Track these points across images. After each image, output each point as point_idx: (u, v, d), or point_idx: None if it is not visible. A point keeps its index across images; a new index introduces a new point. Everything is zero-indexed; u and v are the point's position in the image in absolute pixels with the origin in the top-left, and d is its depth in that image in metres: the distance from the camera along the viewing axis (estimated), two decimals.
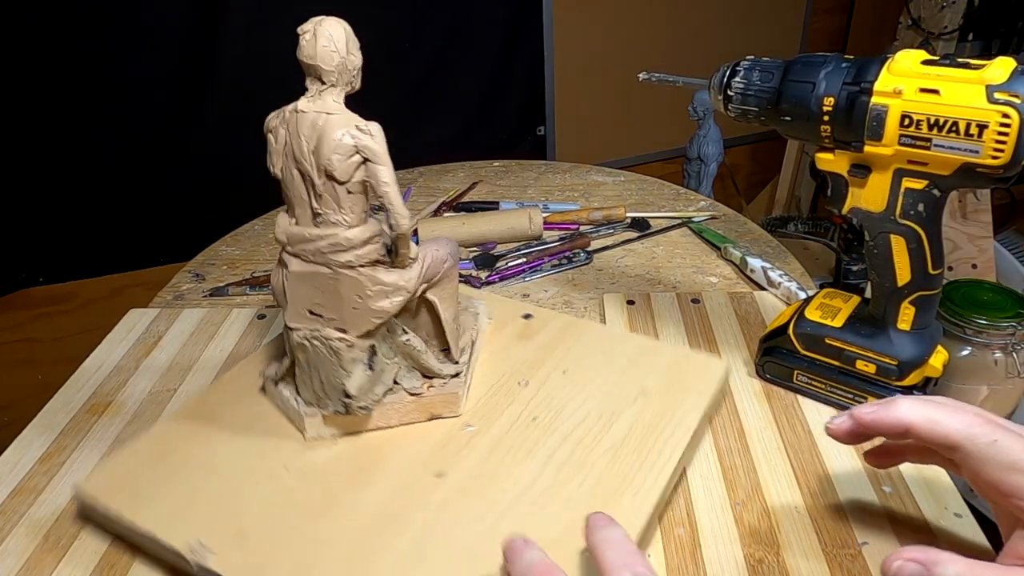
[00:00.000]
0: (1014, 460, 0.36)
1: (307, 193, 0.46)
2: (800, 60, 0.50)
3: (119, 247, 1.48)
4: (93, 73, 1.32)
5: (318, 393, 0.51)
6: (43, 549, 0.48)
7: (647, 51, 1.84)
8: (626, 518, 0.42)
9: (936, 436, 0.38)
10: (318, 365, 0.50)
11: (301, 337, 0.50)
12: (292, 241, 0.48)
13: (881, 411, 0.39)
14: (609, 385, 0.56)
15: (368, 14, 1.44)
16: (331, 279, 0.48)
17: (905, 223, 0.49)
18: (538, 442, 0.51)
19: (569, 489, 0.47)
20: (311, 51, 0.44)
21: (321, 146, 0.44)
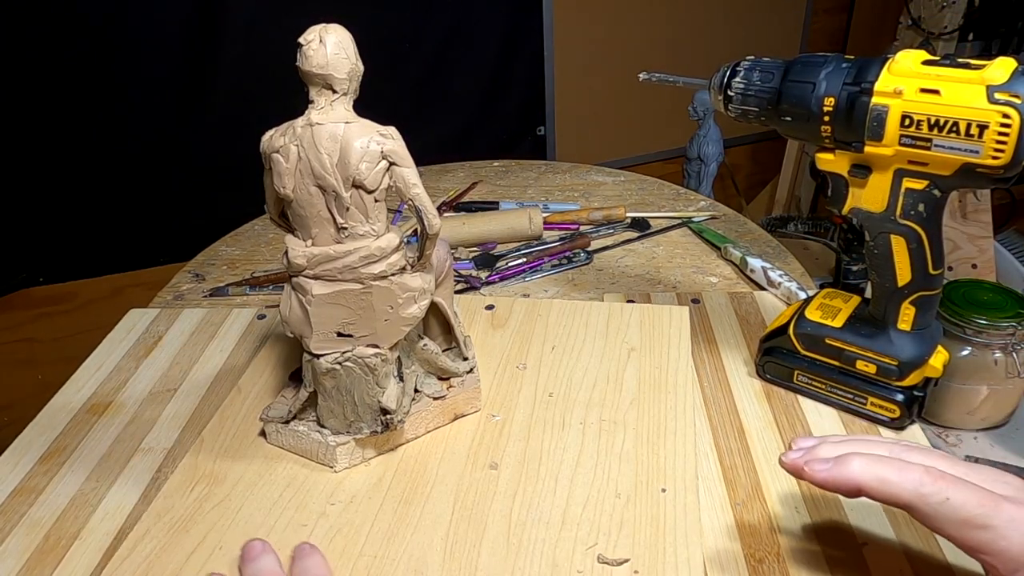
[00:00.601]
0: (967, 517, 0.35)
1: (329, 209, 0.44)
2: (800, 60, 0.50)
3: (119, 247, 1.48)
4: (93, 73, 1.32)
5: (350, 418, 0.49)
6: (43, 550, 0.48)
7: (647, 51, 1.84)
8: (678, 457, 0.50)
9: (888, 497, 0.37)
10: (351, 388, 0.48)
11: (331, 362, 0.47)
12: (314, 263, 0.45)
13: (834, 471, 0.38)
14: (599, 350, 0.60)
15: (368, 14, 1.44)
16: (363, 294, 0.46)
17: (905, 223, 0.49)
18: (565, 414, 0.54)
19: (616, 446, 0.51)
20: (321, 60, 0.42)
21: (347, 156, 0.42)
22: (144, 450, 0.56)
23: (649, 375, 0.58)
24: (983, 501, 0.35)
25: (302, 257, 0.45)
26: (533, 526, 0.45)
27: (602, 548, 0.44)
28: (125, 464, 0.54)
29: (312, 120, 0.43)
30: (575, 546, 0.44)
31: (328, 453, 0.50)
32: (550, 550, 0.44)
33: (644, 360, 0.59)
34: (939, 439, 1.00)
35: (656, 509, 0.45)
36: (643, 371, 0.58)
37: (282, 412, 0.52)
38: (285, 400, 0.53)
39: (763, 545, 0.46)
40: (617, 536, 0.44)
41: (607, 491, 0.47)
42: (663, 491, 0.47)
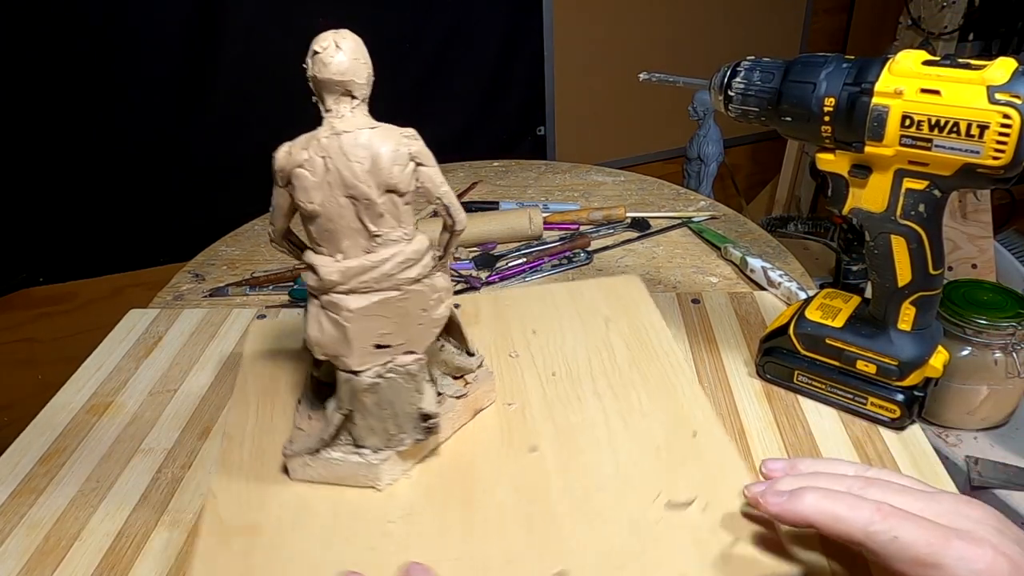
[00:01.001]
0: (916, 555, 0.35)
1: (360, 219, 0.42)
2: (801, 60, 0.50)
3: (119, 247, 1.48)
4: (93, 74, 1.32)
5: (391, 432, 0.47)
6: (43, 550, 0.48)
7: (647, 51, 1.84)
8: (694, 403, 0.53)
9: (839, 534, 0.37)
10: (392, 399, 0.46)
11: (372, 376, 0.45)
12: (348, 277, 0.43)
13: (787, 505, 0.39)
14: (578, 325, 0.63)
15: (368, 14, 1.44)
16: (400, 301, 0.44)
17: (906, 223, 0.49)
18: (576, 389, 0.56)
19: (635, 406, 0.54)
20: (341, 67, 0.41)
21: (378, 162, 0.41)
22: (144, 450, 0.56)
23: (634, 338, 0.61)
24: (931, 540, 0.35)
25: (336, 273, 0.43)
26: (596, 493, 0.46)
27: (666, 496, 0.46)
28: (125, 464, 0.54)
29: (338, 129, 0.42)
30: (641, 501, 0.45)
31: (371, 473, 0.48)
32: (622, 510, 0.45)
33: (622, 326, 0.62)
34: (939, 439, 1.00)
35: (695, 451, 0.49)
36: (626, 336, 0.61)
37: (310, 443, 0.48)
38: (303, 431, 0.50)
39: None
40: (674, 482, 0.47)
41: (647, 446, 0.50)
42: (695, 435, 0.50)
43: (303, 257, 0.45)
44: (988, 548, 0.34)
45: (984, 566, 0.34)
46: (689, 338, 0.66)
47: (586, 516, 0.45)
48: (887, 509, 0.37)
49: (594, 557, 0.42)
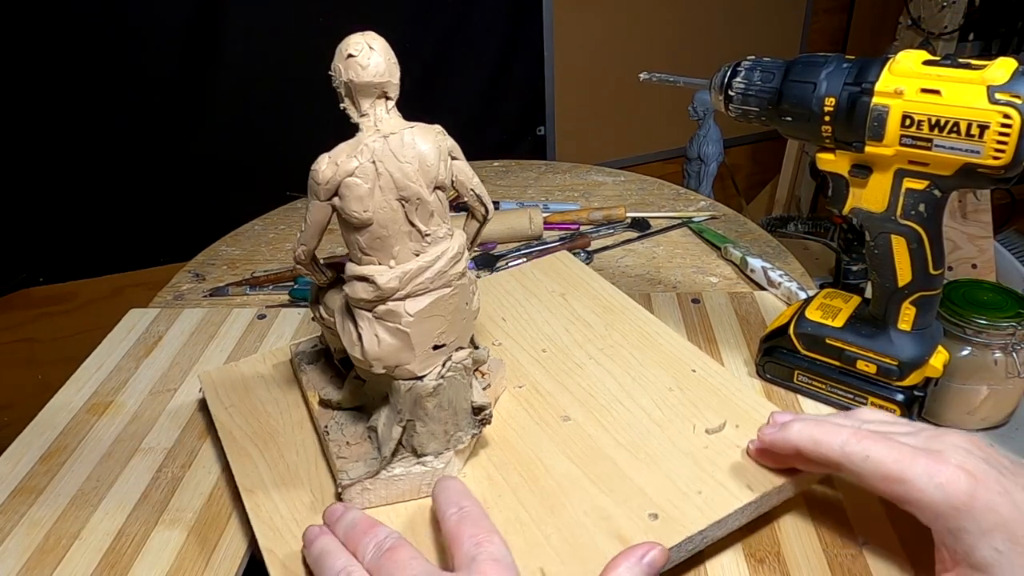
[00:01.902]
0: (885, 472, 0.38)
1: (409, 222, 0.42)
2: (801, 60, 0.50)
3: (119, 247, 1.48)
4: (93, 74, 1.32)
5: (450, 432, 0.47)
6: (43, 549, 0.48)
7: (647, 51, 1.84)
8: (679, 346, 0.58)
9: (820, 457, 0.41)
10: (452, 398, 0.46)
11: (435, 378, 0.45)
12: (406, 282, 0.42)
13: (777, 434, 0.44)
14: (540, 305, 0.65)
15: (368, 15, 1.44)
16: (451, 297, 0.44)
17: (906, 223, 0.49)
18: (571, 359, 0.58)
19: (632, 359, 0.57)
20: (379, 68, 0.40)
21: (425, 160, 0.41)
22: (144, 450, 0.56)
23: (596, 305, 0.64)
24: (900, 457, 0.38)
25: (395, 279, 0.42)
26: (643, 440, 0.49)
27: (701, 426, 0.50)
28: (125, 464, 0.55)
29: (384, 131, 0.41)
30: (683, 435, 0.49)
31: (436, 479, 0.46)
32: (673, 447, 0.48)
33: (580, 297, 0.65)
34: None
35: (702, 384, 0.54)
36: (589, 304, 0.64)
37: (367, 466, 0.46)
38: (347, 458, 0.47)
39: (763, 545, 0.46)
40: (701, 413, 0.51)
41: (661, 389, 0.54)
42: (694, 371, 0.55)
43: (347, 271, 0.43)
44: (951, 464, 0.37)
45: (945, 479, 0.37)
46: (689, 338, 0.66)
47: (646, 461, 0.48)
48: (863, 432, 0.41)
49: (673, 492, 0.45)
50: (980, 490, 0.36)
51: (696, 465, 0.47)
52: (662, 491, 0.45)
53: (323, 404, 0.52)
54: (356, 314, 0.44)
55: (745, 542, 0.46)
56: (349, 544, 0.41)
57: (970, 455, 0.38)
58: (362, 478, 0.45)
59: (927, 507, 0.37)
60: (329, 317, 0.48)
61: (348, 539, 0.41)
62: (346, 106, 0.42)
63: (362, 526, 0.41)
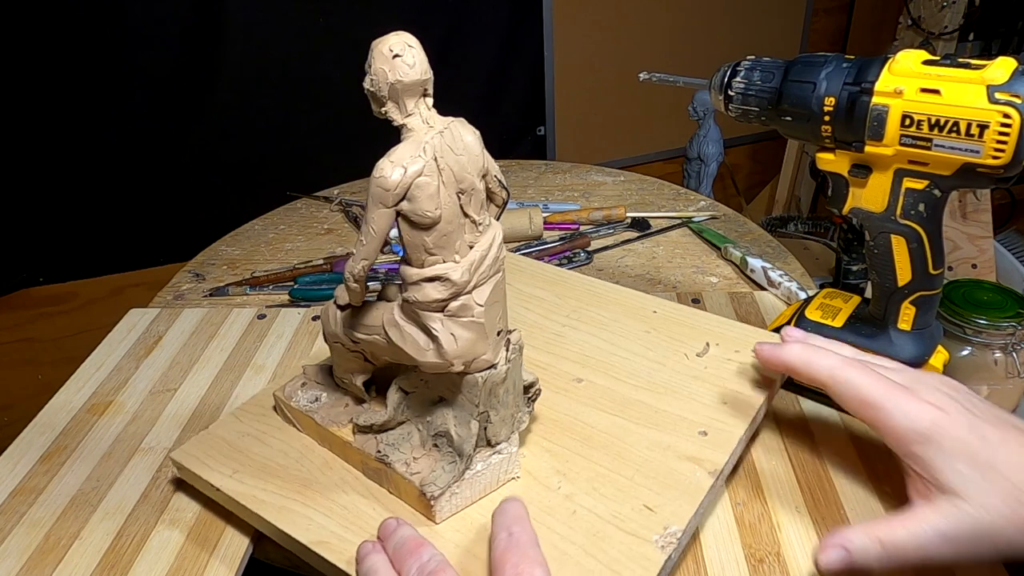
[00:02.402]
0: (864, 398, 0.42)
1: (465, 213, 0.42)
2: (801, 60, 0.50)
3: (119, 247, 1.48)
4: (93, 73, 1.32)
5: (515, 415, 0.47)
6: (43, 549, 0.48)
7: (647, 51, 1.84)
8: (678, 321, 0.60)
9: (810, 377, 0.46)
10: (515, 379, 0.46)
11: (504, 364, 0.44)
12: (474, 272, 0.42)
13: (774, 350, 0.48)
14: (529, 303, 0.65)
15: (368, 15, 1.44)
16: (503, 281, 0.44)
17: (906, 223, 0.49)
18: (551, 328, 0.61)
19: (633, 334, 0.59)
20: (425, 66, 0.41)
21: (474, 150, 0.42)
22: (144, 450, 0.56)
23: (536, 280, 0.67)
24: (879, 386, 0.42)
25: (467, 272, 0.41)
26: (654, 378, 0.54)
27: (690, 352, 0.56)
28: (125, 464, 0.55)
29: (438, 127, 0.41)
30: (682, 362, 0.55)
31: (512, 464, 0.47)
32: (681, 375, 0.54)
33: (521, 280, 0.67)
34: None
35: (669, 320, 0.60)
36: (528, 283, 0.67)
37: (449, 472, 0.45)
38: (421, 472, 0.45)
39: (763, 544, 0.46)
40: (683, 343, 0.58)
41: (639, 333, 0.59)
42: (655, 312, 0.62)
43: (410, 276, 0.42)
44: (922, 399, 0.41)
45: (912, 409, 0.41)
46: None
47: (667, 394, 0.53)
48: (851, 361, 0.45)
49: (706, 410, 0.51)
50: (944, 420, 0.40)
51: (708, 383, 0.53)
52: (696, 412, 0.51)
53: (362, 431, 0.48)
54: (425, 318, 0.42)
55: (745, 542, 0.46)
56: (396, 562, 0.40)
57: (943, 394, 0.42)
58: (451, 483, 0.44)
59: (898, 434, 0.41)
60: (370, 336, 0.46)
61: (395, 557, 0.40)
62: (388, 109, 0.41)
63: (409, 546, 0.40)
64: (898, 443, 0.42)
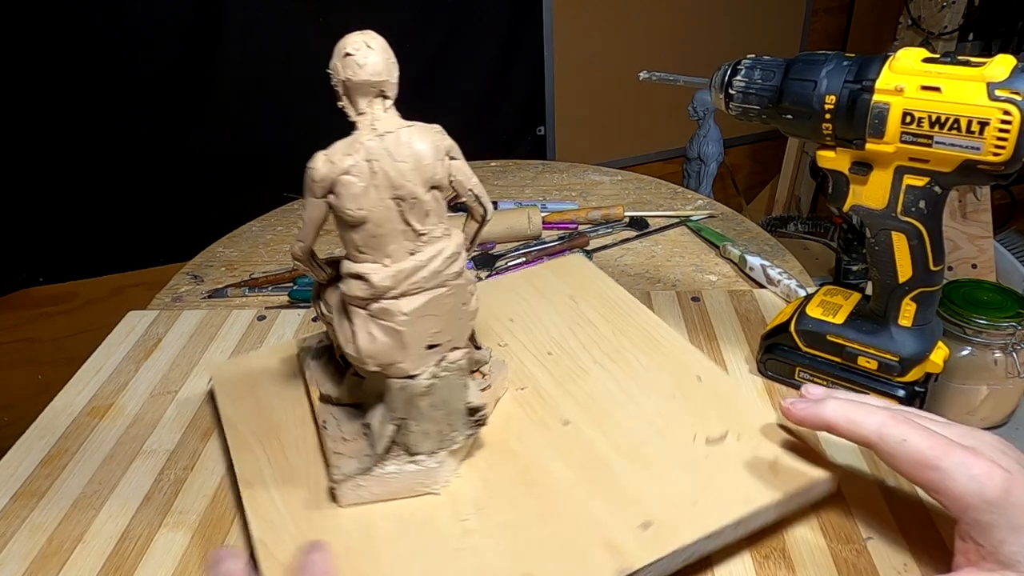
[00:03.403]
0: (921, 458, 0.39)
1: (405, 221, 0.42)
2: (801, 58, 0.50)
3: (119, 247, 1.48)
4: (93, 73, 1.32)
5: (444, 432, 0.47)
6: (46, 553, 0.47)
7: (647, 51, 1.84)
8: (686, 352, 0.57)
9: (854, 436, 0.42)
10: (446, 398, 0.46)
11: (429, 377, 0.45)
12: (400, 280, 0.42)
13: (811, 409, 0.44)
14: (549, 308, 0.64)
15: (368, 15, 1.44)
16: (447, 297, 0.44)
17: (906, 220, 0.49)
18: (576, 362, 0.57)
19: (637, 364, 0.56)
20: (377, 67, 0.40)
21: (422, 160, 0.41)
22: (146, 452, 0.56)
23: (605, 307, 0.63)
24: (935, 445, 0.39)
25: (389, 278, 0.42)
26: (641, 447, 0.49)
27: (702, 435, 0.49)
28: (127, 466, 0.54)
29: (380, 130, 0.41)
30: (682, 444, 0.49)
31: (429, 478, 0.47)
32: (671, 456, 0.48)
33: (589, 299, 0.64)
34: None
35: (706, 392, 0.53)
36: (597, 307, 0.63)
37: (361, 463, 0.46)
38: (344, 454, 0.47)
39: (768, 541, 0.45)
40: (701, 422, 0.50)
41: (663, 396, 0.53)
42: (699, 378, 0.54)
43: (343, 268, 0.43)
44: (986, 459, 0.38)
45: (980, 472, 0.37)
46: (690, 336, 0.66)
47: (643, 469, 0.47)
48: (900, 416, 0.41)
49: (668, 502, 0.45)
50: (1014, 487, 0.37)
51: (694, 475, 0.46)
52: (657, 500, 0.44)
53: (323, 399, 0.52)
54: (351, 311, 0.44)
55: (750, 539, 0.46)
56: None
57: (1004, 455, 0.39)
58: (354, 474, 0.46)
59: (959, 497, 0.37)
60: (328, 314, 0.48)
61: None
62: (344, 104, 0.42)
63: None
64: (960, 507, 0.38)
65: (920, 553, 0.44)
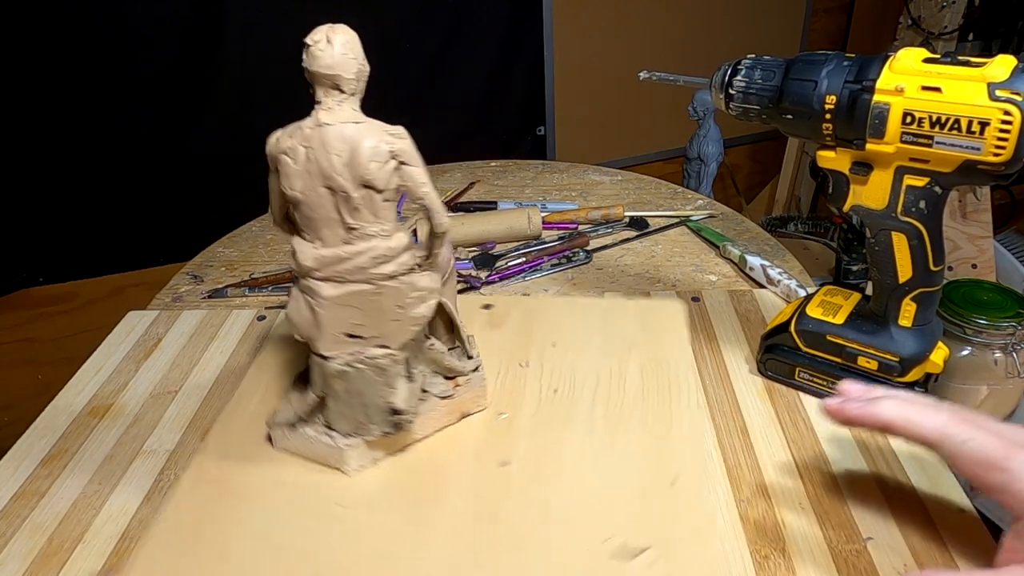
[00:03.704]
0: (986, 458, 0.38)
1: (337, 210, 0.44)
2: (802, 58, 0.50)
3: (119, 247, 1.48)
4: (93, 73, 1.32)
5: (360, 420, 0.49)
6: (46, 553, 0.47)
7: (647, 51, 1.84)
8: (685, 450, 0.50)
9: (914, 436, 0.41)
10: (362, 390, 0.48)
11: (342, 364, 0.47)
12: (323, 265, 0.45)
13: (867, 408, 0.42)
14: (600, 346, 0.60)
15: (368, 14, 1.44)
16: (373, 295, 0.45)
17: (907, 220, 0.49)
18: (571, 410, 0.54)
19: (623, 440, 0.51)
20: (329, 60, 0.42)
21: (356, 157, 0.42)
22: (146, 452, 0.56)
23: (651, 369, 0.59)
24: (1001, 446, 0.38)
25: (311, 260, 0.45)
26: (550, 522, 0.46)
27: (618, 541, 0.44)
28: (127, 466, 0.54)
29: (321, 121, 0.43)
30: (590, 540, 0.45)
31: (338, 456, 0.50)
32: (567, 547, 0.44)
33: (645, 354, 0.60)
34: None
35: (667, 499, 0.47)
36: (645, 365, 0.59)
37: (289, 416, 0.51)
38: (291, 404, 0.52)
39: (768, 541, 0.46)
40: (632, 527, 0.45)
41: (618, 485, 0.48)
42: (673, 483, 0.48)
43: (291, 240, 0.46)
44: None
45: None
46: (690, 336, 0.66)
47: (531, 544, 0.44)
48: (962, 416, 0.40)
49: None
50: None
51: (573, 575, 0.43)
52: None
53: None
54: (296, 280, 0.46)
55: (750, 539, 0.46)
56: None
57: None
58: (282, 424, 0.51)
59: None
60: None
61: None
62: (311, 91, 0.44)
63: None
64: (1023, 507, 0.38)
65: (920, 553, 0.44)
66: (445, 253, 0.52)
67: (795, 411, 0.57)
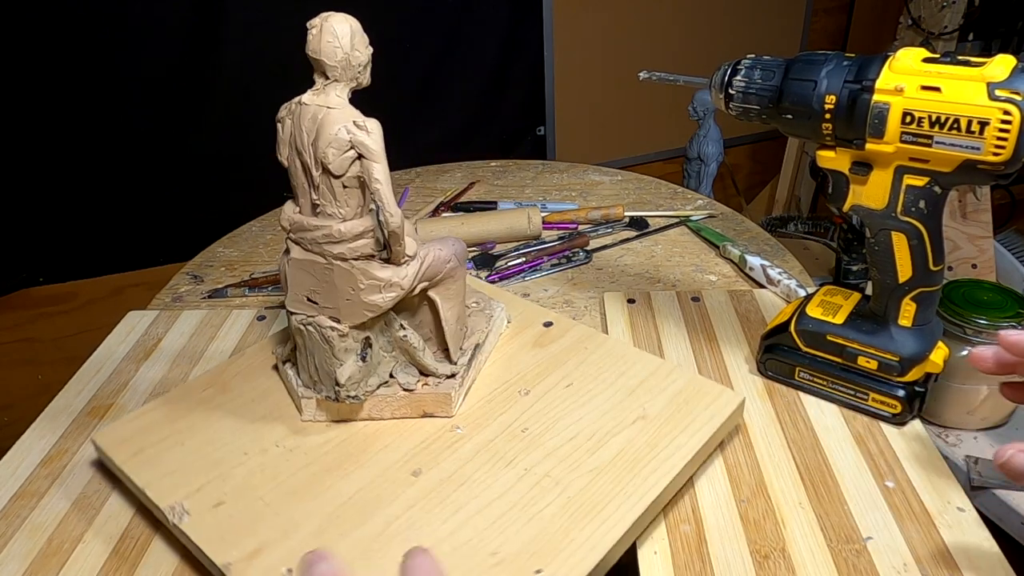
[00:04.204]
0: None
1: (307, 184, 0.48)
2: (801, 58, 0.50)
3: (119, 247, 1.48)
4: (93, 73, 1.32)
5: (313, 377, 0.53)
6: (46, 553, 0.47)
7: (647, 51, 1.84)
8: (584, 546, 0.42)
9: None
10: (313, 350, 0.52)
11: (299, 322, 0.51)
12: (294, 228, 0.49)
13: None
14: (610, 404, 0.53)
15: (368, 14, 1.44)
16: (326, 269, 0.49)
17: (906, 220, 0.49)
18: (521, 453, 0.50)
19: (538, 506, 0.45)
20: (316, 46, 0.45)
21: (318, 139, 0.45)
22: None
23: (636, 450, 0.50)
24: None
25: (287, 220, 0.50)
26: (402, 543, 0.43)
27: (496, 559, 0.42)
28: None
29: (303, 100, 0.47)
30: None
31: (297, 400, 0.54)
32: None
33: (645, 432, 0.51)
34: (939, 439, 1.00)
35: None
36: (633, 443, 0.50)
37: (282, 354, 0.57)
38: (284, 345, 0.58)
39: (768, 541, 0.46)
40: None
41: (489, 545, 0.43)
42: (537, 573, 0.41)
43: None
44: None
45: None
46: (690, 336, 0.66)
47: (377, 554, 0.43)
48: None
49: None
50: None
51: None
52: None
53: None
54: None
55: (750, 539, 0.46)
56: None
57: None
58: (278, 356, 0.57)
59: None
60: None
61: None
62: None
63: None
64: None
65: (920, 553, 0.44)
66: (442, 253, 0.52)
67: (795, 411, 0.57)
